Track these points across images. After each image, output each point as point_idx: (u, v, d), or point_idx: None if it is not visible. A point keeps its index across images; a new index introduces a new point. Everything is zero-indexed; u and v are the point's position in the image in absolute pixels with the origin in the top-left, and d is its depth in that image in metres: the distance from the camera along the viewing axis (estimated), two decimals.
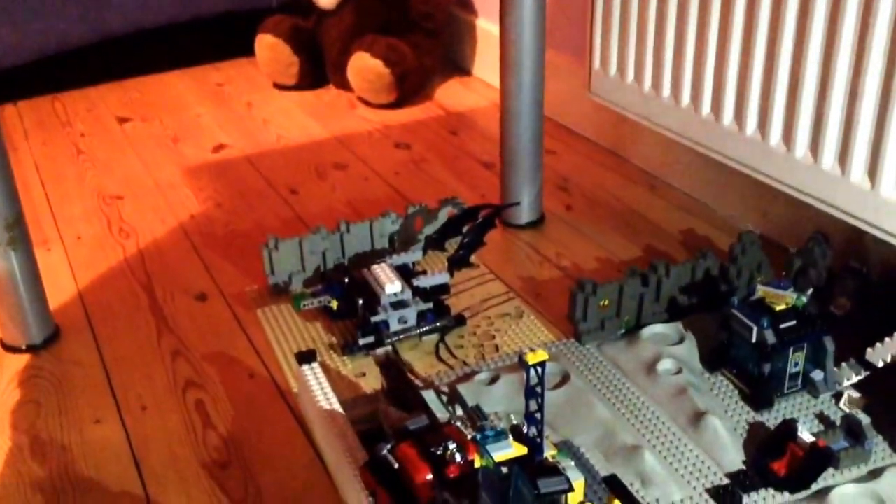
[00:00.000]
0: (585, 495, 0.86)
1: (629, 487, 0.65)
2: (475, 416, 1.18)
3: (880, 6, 1.12)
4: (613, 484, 0.64)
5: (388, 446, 0.96)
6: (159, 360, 1.42)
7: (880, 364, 1.17)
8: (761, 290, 1.21)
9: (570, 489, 0.72)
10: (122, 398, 1.34)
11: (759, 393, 1.23)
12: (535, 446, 0.80)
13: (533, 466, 0.84)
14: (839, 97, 1.21)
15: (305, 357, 1.20)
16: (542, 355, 1.01)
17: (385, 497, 0.93)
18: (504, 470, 0.74)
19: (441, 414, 1.21)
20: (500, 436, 0.72)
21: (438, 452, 0.92)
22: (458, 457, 0.90)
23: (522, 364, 1.01)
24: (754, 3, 1.30)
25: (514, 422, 0.95)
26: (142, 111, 2.56)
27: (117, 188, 2.07)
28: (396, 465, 0.93)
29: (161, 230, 1.85)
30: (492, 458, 0.70)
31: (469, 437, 0.90)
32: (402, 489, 0.92)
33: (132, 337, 1.49)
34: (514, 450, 0.70)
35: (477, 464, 0.73)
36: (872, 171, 1.18)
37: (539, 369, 1.02)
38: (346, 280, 1.44)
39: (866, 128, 1.18)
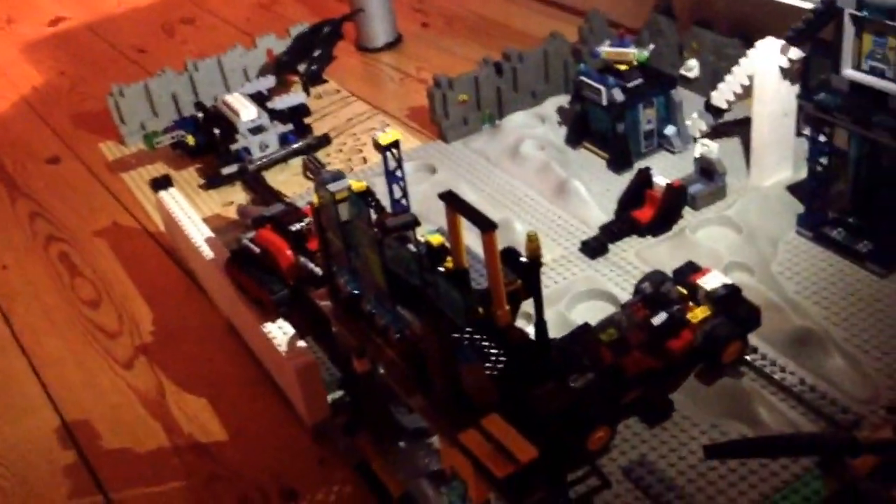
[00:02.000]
0: None
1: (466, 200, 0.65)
2: (314, 164, 1.16)
3: None
4: (449, 198, 0.63)
5: (249, 236, 0.95)
6: (15, 222, 1.36)
7: (725, 105, 1.21)
8: (604, 51, 1.22)
9: (417, 223, 0.73)
10: None
11: (616, 154, 1.25)
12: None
13: (382, 210, 0.84)
14: None
15: (161, 183, 1.17)
16: (394, 134, 0.99)
17: (252, 285, 0.93)
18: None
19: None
20: (338, 176, 0.71)
21: (296, 229, 0.91)
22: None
23: (377, 147, 1.00)
24: None
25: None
26: None
27: None
28: (258, 251, 0.93)
29: (3, 106, 1.74)
30: (331, 193, 0.69)
31: None
32: (266, 272, 0.92)
33: None
34: (353, 185, 0.69)
35: (316, 202, 0.73)
36: None
37: (395, 150, 1.01)
38: (200, 113, 1.39)
39: None
